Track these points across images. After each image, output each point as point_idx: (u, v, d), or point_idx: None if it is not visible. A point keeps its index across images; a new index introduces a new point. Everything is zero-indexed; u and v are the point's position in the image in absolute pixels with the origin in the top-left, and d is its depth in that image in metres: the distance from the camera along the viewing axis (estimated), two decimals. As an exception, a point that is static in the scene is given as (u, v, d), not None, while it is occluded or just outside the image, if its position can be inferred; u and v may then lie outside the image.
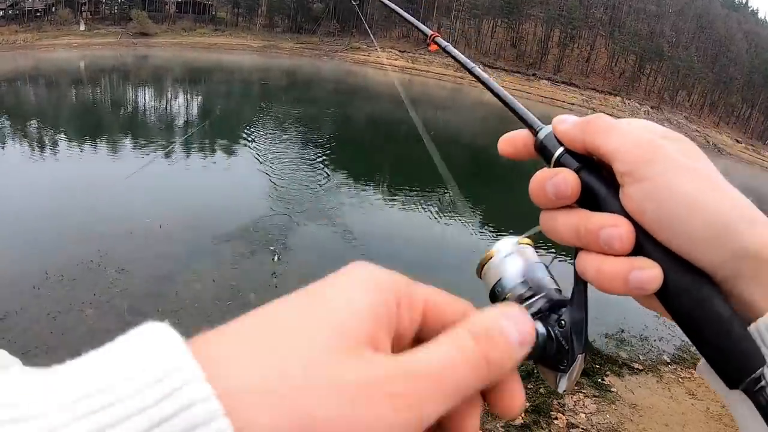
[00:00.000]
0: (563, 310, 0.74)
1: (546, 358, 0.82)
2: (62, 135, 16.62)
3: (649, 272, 0.40)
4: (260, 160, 14.65)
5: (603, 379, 6.44)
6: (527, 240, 0.73)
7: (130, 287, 6.98)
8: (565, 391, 0.81)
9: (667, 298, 0.42)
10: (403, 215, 12.23)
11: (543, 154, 0.51)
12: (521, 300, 0.70)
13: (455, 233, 11.81)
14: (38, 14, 58.06)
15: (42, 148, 15.29)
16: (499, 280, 0.78)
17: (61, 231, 8.81)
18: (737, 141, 57.87)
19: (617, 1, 71.54)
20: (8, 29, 52.38)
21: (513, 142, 0.53)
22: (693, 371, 7.17)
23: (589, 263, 0.45)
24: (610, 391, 6.21)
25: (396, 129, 25.96)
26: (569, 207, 0.47)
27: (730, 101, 62.63)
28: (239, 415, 0.25)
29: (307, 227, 10.11)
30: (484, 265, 0.85)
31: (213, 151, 15.43)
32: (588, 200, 0.46)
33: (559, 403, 5.74)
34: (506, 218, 13.95)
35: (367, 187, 13.49)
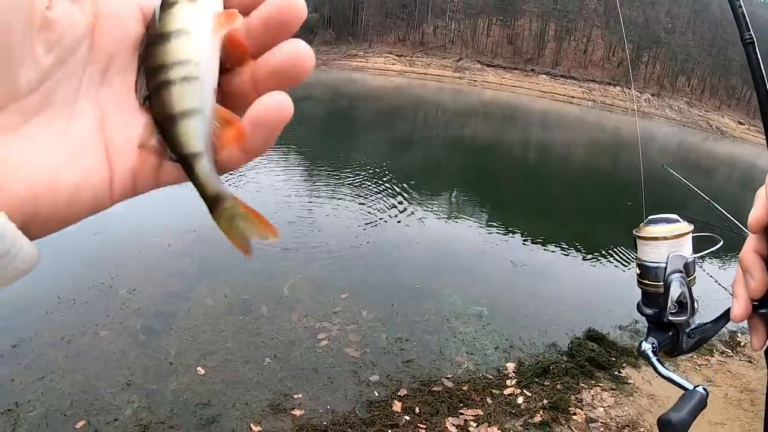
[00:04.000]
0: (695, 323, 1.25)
1: (668, 345, 1.26)
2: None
3: None
4: (265, 176, 14.67)
5: (619, 372, 6.41)
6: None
7: (143, 307, 6.99)
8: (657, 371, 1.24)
9: None
10: (412, 219, 12.16)
11: None
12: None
13: (465, 233, 11.77)
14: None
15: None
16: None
17: (70, 254, 8.85)
18: (740, 123, 57.47)
19: (611, -10, 71.36)
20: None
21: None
22: (709, 358, 7.11)
23: None
24: (627, 383, 6.18)
25: (396, 129, 26.00)
26: None
27: (730, 83, 62.33)
28: None
29: (316, 239, 10.10)
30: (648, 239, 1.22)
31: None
32: None
33: (576, 398, 5.71)
34: (517, 217, 13.93)
35: (378, 199, 13.45)
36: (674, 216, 1.19)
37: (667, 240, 1.14)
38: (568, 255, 11.05)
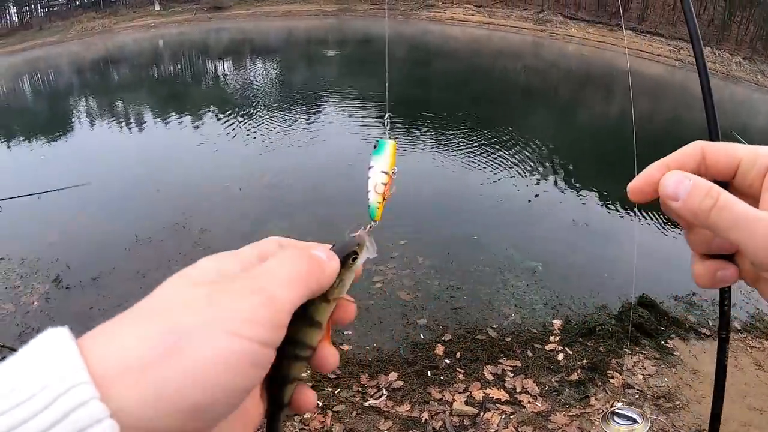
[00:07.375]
0: None
1: None
2: (147, 110, 17.66)
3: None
4: (340, 125, 14.94)
5: (667, 342, 6.25)
6: None
7: (213, 245, 7.49)
8: None
9: None
10: (476, 172, 12.02)
11: None
12: None
13: (531, 191, 11.50)
14: (113, -1, 60.43)
15: (129, 123, 16.44)
16: None
17: (149, 197, 9.56)
18: (843, 92, 52.79)
19: (709, -60, 66.10)
20: (86, 16, 54.36)
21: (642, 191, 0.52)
22: (764, 341, 6.73)
23: None
24: (672, 354, 6.04)
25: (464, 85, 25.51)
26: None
27: (833, 48, 56.98)
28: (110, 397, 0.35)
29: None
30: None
31: (291, 120, 15.79)
32: None
33: (617, 362, 5.70)
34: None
35: (448, 151, 13.42)
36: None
37: None
38: (633, 219, 10.74)
